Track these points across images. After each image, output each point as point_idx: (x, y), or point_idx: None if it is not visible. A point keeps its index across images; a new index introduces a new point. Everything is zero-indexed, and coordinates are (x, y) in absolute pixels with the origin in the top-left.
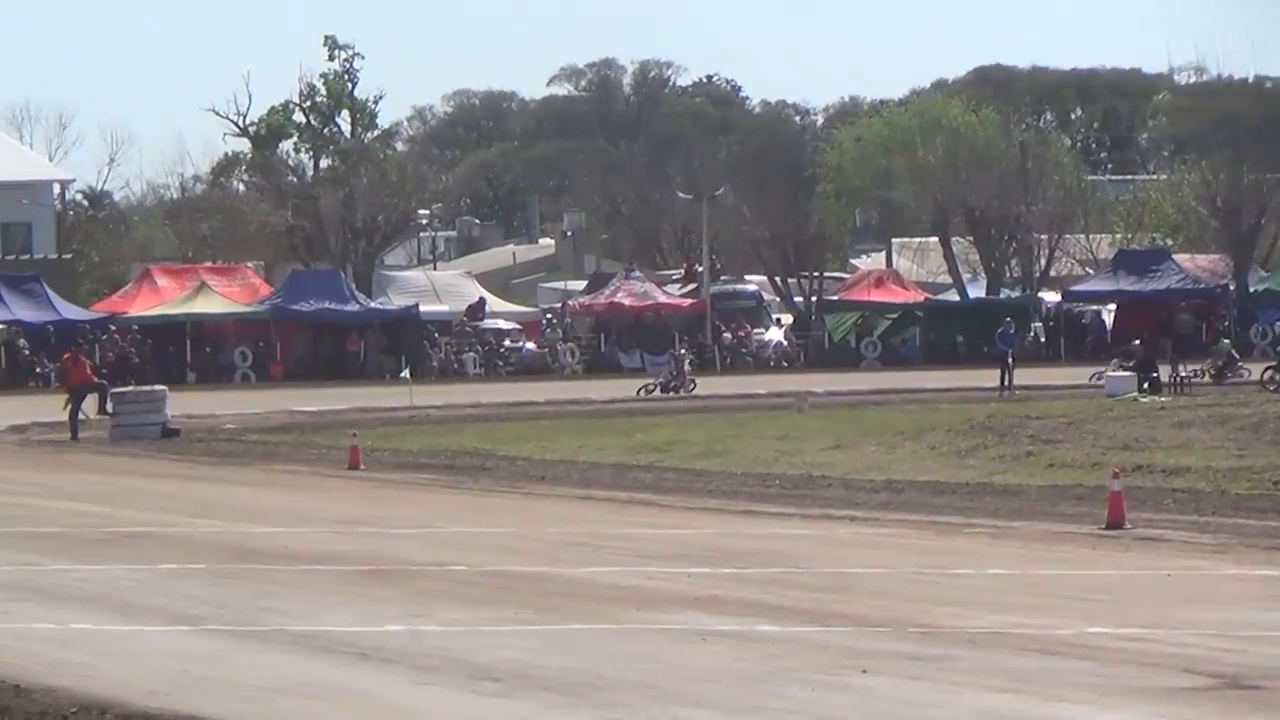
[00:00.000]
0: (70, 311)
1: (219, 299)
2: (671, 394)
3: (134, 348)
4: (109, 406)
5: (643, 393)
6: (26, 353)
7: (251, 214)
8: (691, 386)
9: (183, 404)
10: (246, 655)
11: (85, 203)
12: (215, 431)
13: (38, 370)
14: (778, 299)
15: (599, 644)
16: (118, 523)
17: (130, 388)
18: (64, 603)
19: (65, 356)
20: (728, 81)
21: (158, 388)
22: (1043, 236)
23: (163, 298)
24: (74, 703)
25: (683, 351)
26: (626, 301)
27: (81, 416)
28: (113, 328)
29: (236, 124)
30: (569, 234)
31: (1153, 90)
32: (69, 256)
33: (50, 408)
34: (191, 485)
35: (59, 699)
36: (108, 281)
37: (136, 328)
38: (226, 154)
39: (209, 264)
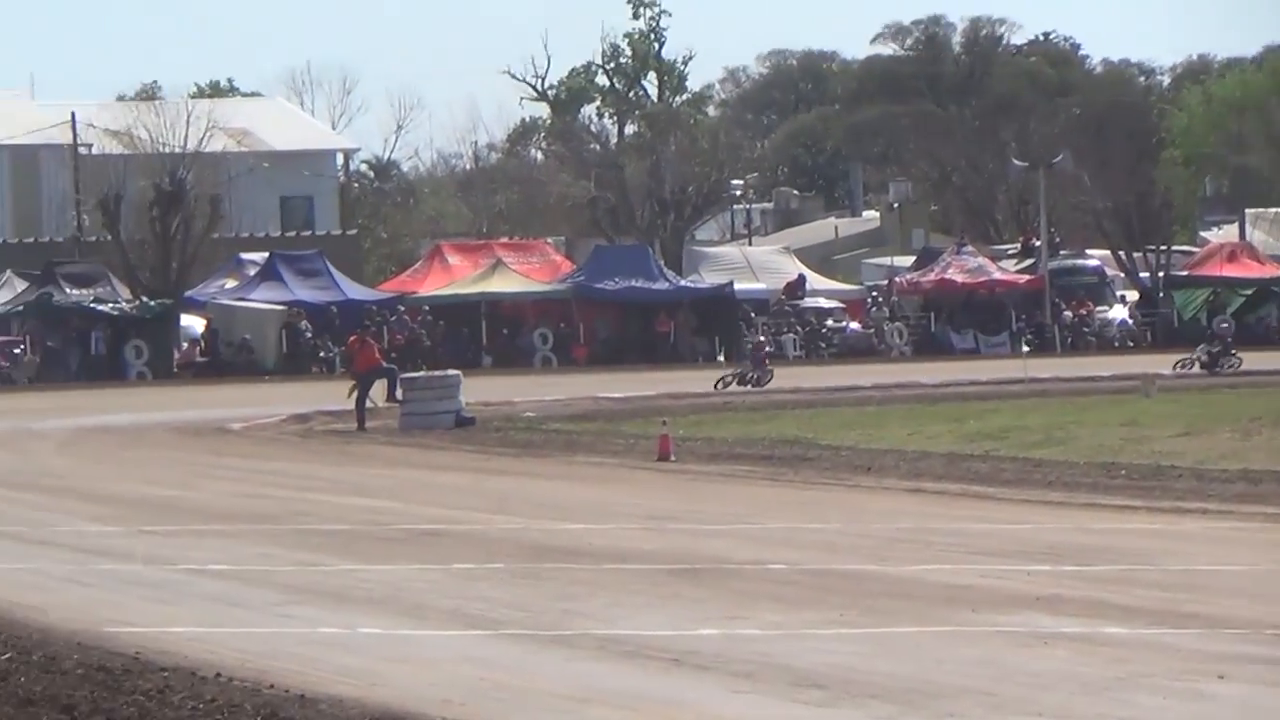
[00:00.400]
0: (356, 291)
1: (516, 277)
2: (751, 386)
3: (425, 330)
4: (398, 394)
5: (720, 385)
6: (309, 336)
7: (551, 185)
8: (768, 378)
9: (478, 390)
10: (548, 662)
11: (371, 174)
12: (513, 420)
13: (321, 355)
14: (1121, 275)
15: (930, 648)
16: (408, 519)
17: (421, 373)
18: (351, 605)
19: (351, 340)
20: (1065, 39)
21: (451, 373)
22: None
23: (455, 276)
24: (363, 713)
25: (761, 339)
26: (958, 278)
27: (369, 405)
28: (402, 309)
29: (534, 87)
30: (895, 205)
31: None
32: (354, 232)
33: (335, 395)
34: (487, 478)
35: (346, 709)
36: (396, 259)
37: (427, 308)
38: (523, 120)
39: (505, 239)
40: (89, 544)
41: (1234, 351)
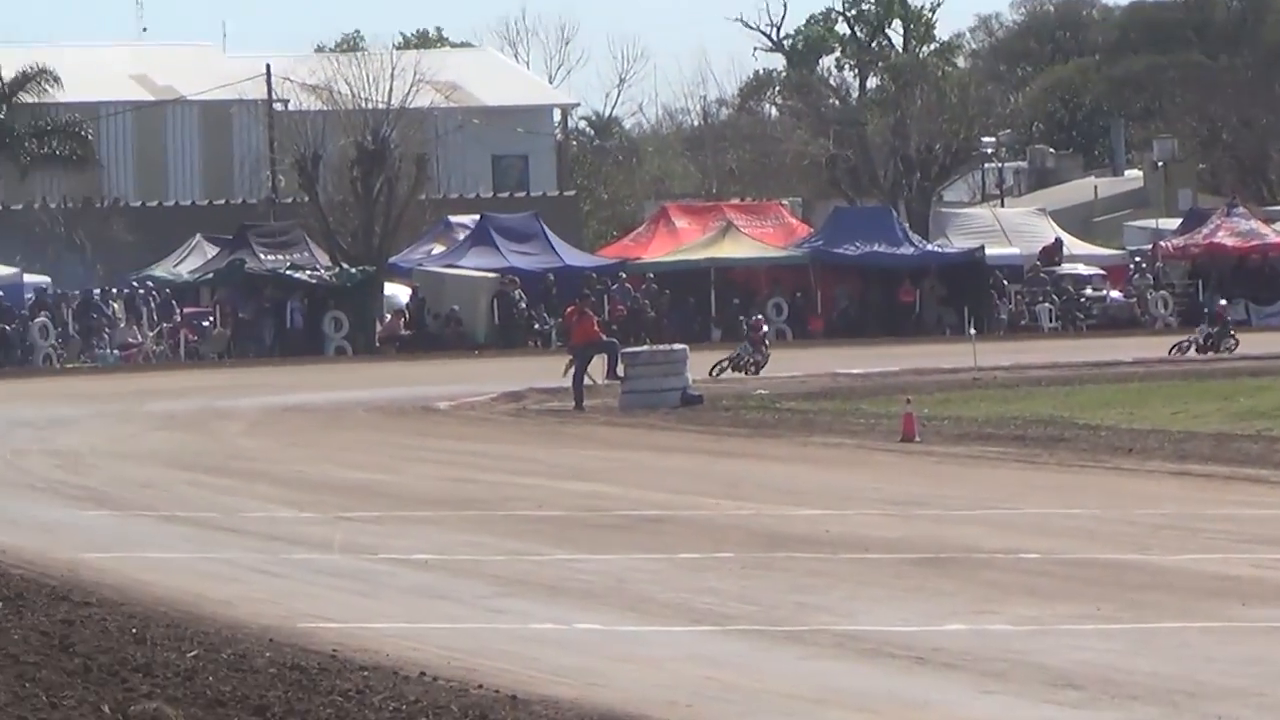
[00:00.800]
0: (574, 258)
1: (748, 241)
2: (749, 373)
3: (648, 300)
4: (619, 369)
5: (715, 373)
6: (523, 306)
7: (786, 142)
8: (765, 361)
9: (706, 366)
10: (782, 660)
11: (591, 131)
12: (744, 398)
13: (536, 327)
14: None
15: (1197, 645)
16: (630, 505)
17: (645, 347)
18: (568, 598)
19: (568, 311)
20: None
21: (677, 347)
22: None
23: (682, 241)
24: (580, 716)
25: (759, 316)
26: (1228, 242)
27: (587, 381)
28: (624, 276)
29: (768, 36)
30: (1160, 164)
31: None
32: (572, 194)
33: (550, 371)
34: (716, 461)
35: (562, 712)
36: (617, 222)
37: (651, 276)
38: (756, 72)
39: (736, 201)
40: (282, 531)
41: (1232, 332)
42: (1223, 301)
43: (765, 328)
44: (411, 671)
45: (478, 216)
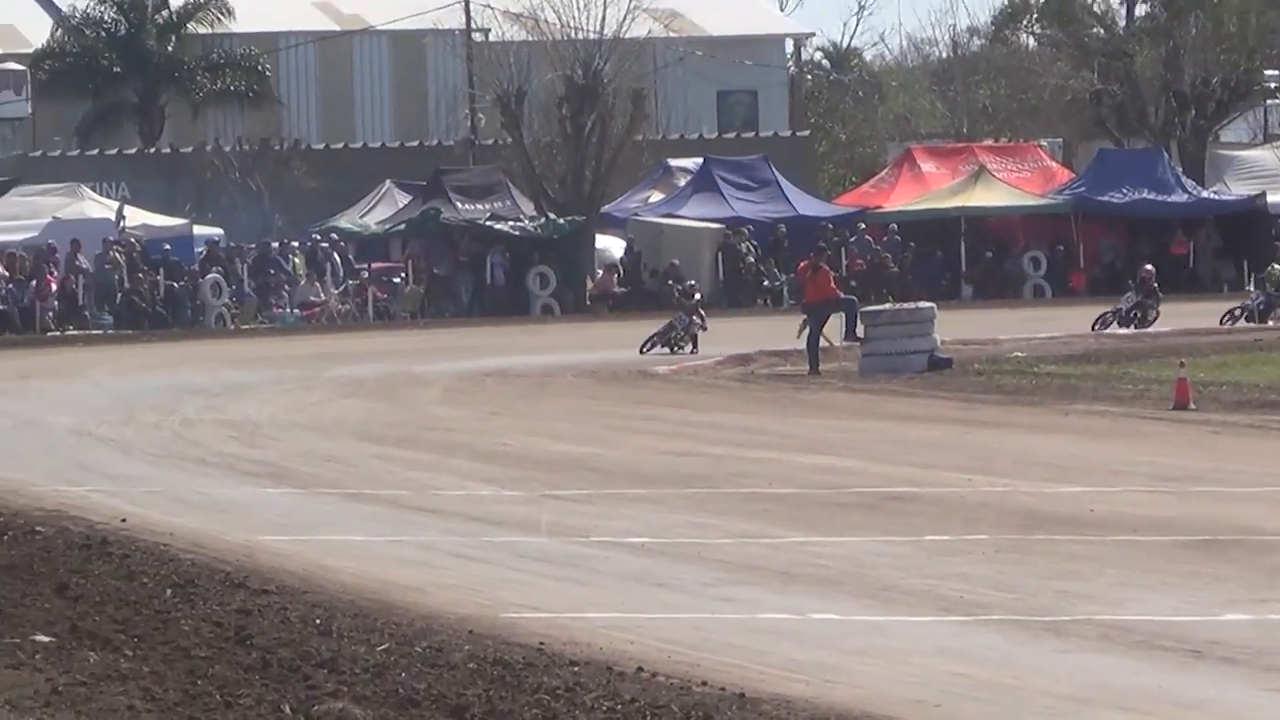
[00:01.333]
0: (808, 206)
1: (1003, 188)
2: (679, 349)
3: (891, 253)
4: (859, 330)
5: (646, 348)
6: (751, 260)
7: (1045, 76)
8: (697, 332)
9: (955, 325)
10: (1040, 654)
11: (827, 64)
12: (998, 361)
13: (765, 284)
14: None
15: None
16: (871, 481)
17: (887, 305)
18: (802, 585)
19: (801, 265)
20: None
21: (923, 305)
22: None
23: (929, 187)
24: (814, 716)
25: (691, 283)
26: None
27: (823, 344)
28: (863, 226)
29: None
30: None
31: None
32: (806, 134)
33: (782, 332)
34: (967, 431)
35: (795, 711)
36: (857, 166)
37: (894, 227)
38: None
39: (989, 142)
40: (482, 511)
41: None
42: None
43: (698, 294)
44: (627, 667)
45: (700, 160)
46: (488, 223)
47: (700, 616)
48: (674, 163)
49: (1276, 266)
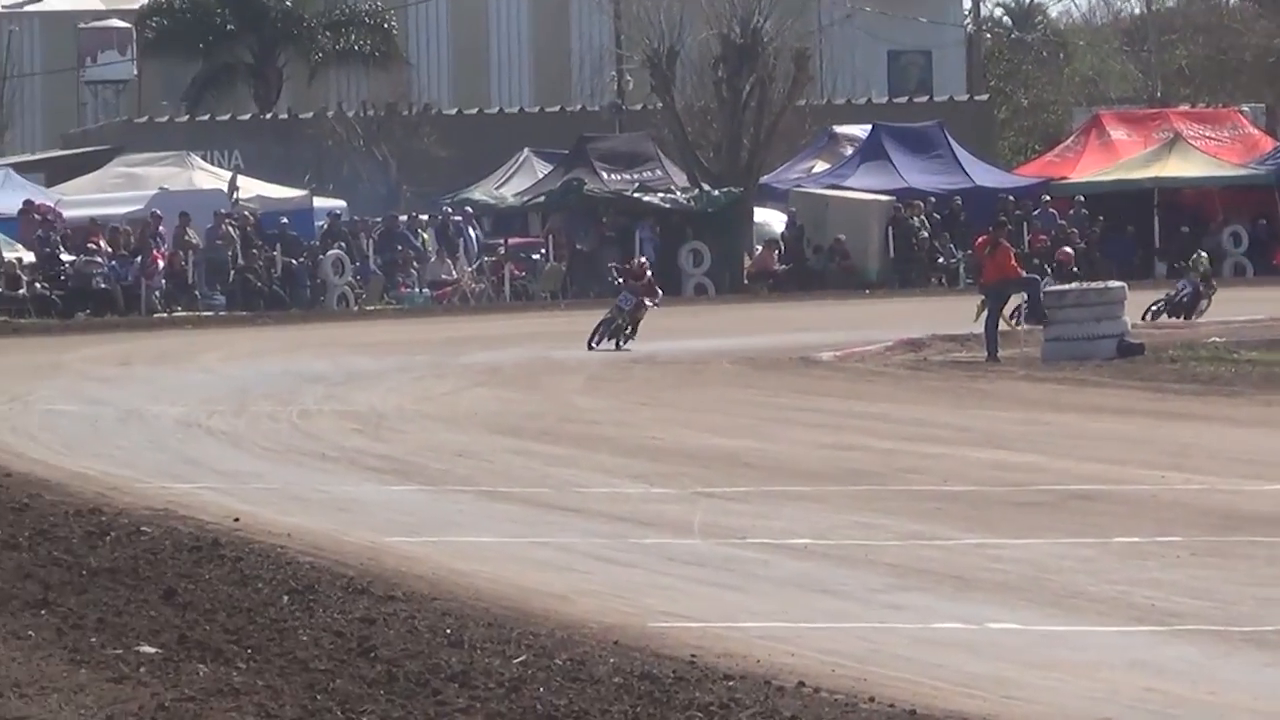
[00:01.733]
0: (986, 176)
1: (1200, 157)
2: (621, 341)
3: (1077, 228)
4: (1043, 313)
5: (595, 342)
6: (925, 236)
7: (1247, 35)
8: (631, 317)
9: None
10: (1240, 668)
11: (1009, 22)
12: (1194, 347)
13: (940, 261)
14: None
15: None
16: (1054, 477)
17: (1073, 286)
18: (978, 591)
19: (979, 241)
20: None
21: (1113, 285)
22: None
23: (1119, 156)
24: None
25: (642, 261)
26: None
27: (1003, 327)
28: (1047, 199)
29: None
30: None
31: None
32: (985, 98)
33: (958, 314)
34: (1161, 424)
35: None
36: (1040, 133)
37: (1082, 199)
38: None
39: (1186, 107)
40: (628, 510)
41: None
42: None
43: (649, 274)
44: (788, 681)
45: (869, 126)
46: (635, 194)
47: (867, 626)
48: (840, 129)
49: (1203, 255)
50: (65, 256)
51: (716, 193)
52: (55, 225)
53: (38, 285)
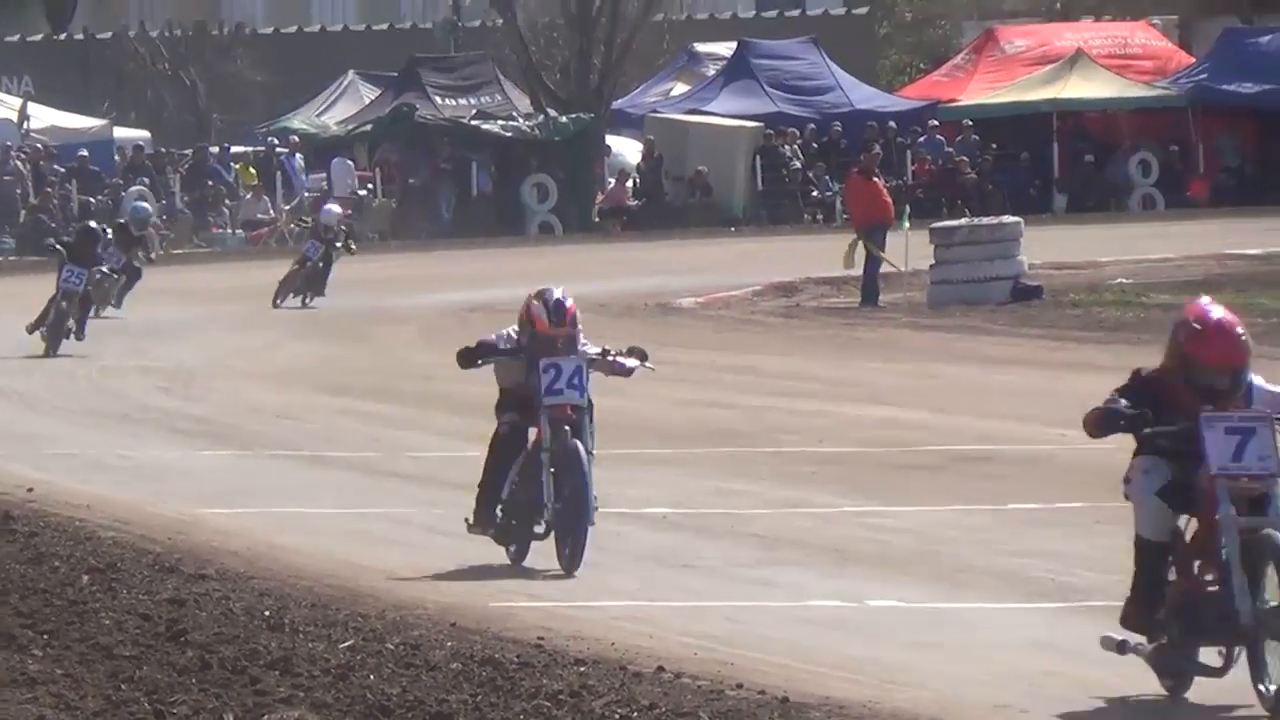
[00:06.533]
0: (866, 99)
1: (1105, 76)
2: (306, 299)
3: (967, 156)
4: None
5: (280, 300)
6: (796, 166)
7: None
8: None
9: (1044, 245)
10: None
11: None
12: (1098, 290)
13: (814, 195)
14: None
15: None
16: (942, 437)
17: (963, 221)
18: (857, 565)
19: (853, 174)
20: None
21: (1006, 220)
22: None
23: (1013, 75)
24: None
25: (330, 208)
26: None
27: (884, 268)
28: (933, 124)
29: None
30: None
31: None
32: (864, 11)
33: (829, 255)
34: (1061, 377)
35: (850, 718)
36: (924, 50)
37: (969, 123)
38: None
39: (1089, 20)
40: (469, 478)
41: None
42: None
43: (337, 209)
44: (646, 666)
45: (734, 45)
46: (473, 122)
47: (734, 605)
48: (701, 48)
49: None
50: None
51: (564, 119)
52: None
53: None
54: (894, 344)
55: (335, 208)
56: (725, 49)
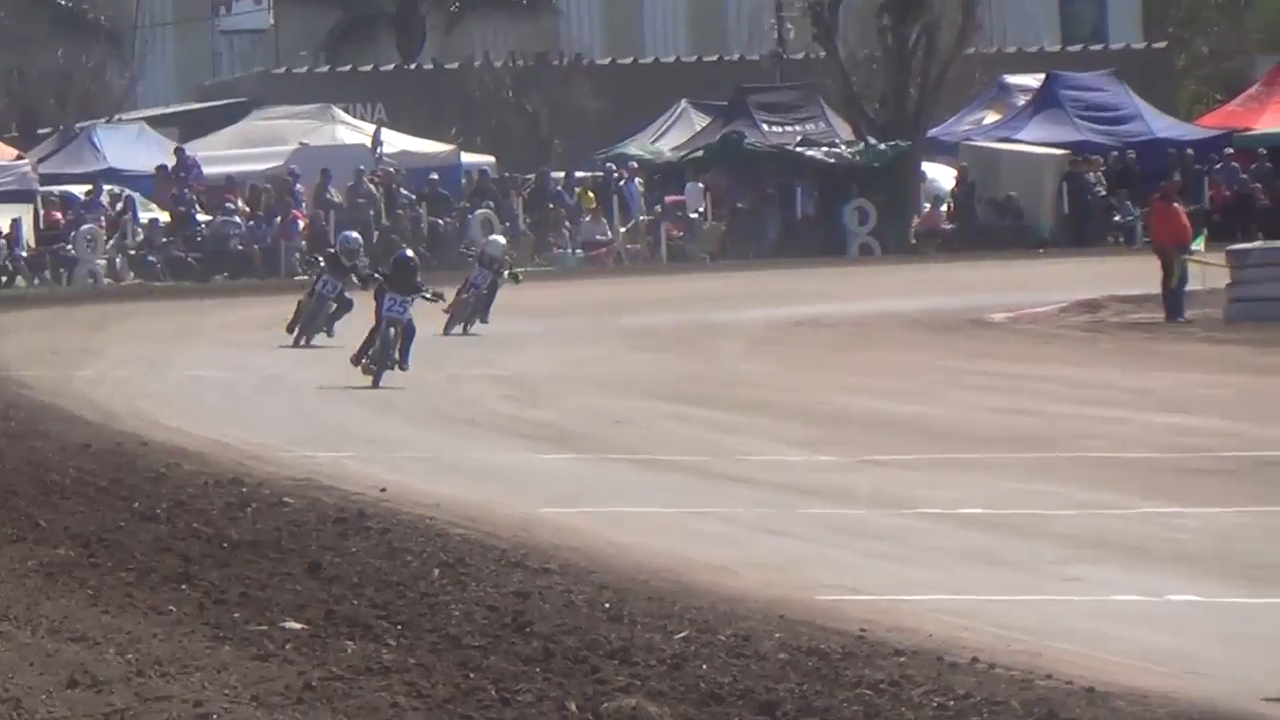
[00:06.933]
0: (1165, 128)
1: None
2: (467, 327)
3: (1262, 182)
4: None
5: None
6: (1101, 192)
7: None
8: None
9: None
10: None
11: None
12: None
13: (1117, 219)
14: None
15: None
16: (1241, 443)
17: (1258, 243)
18: (1159, 563)
19: (1156, 199)
20: None
21: None
22: None
23: None
24: (1174, 714)
25: (495, 238)
26: None
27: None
28: (1229, 152)
29: None
30: None
31: None
32: (1162, 46)
33: (1136, 275)
34: None
35: (1152, 708)
36: (1221, 82)
37: (1264, 152)
38: None
39: None
40: (793, 479)
41: None
42: None
43: (503, 241)
44: (960, 657)
45: (1043, 76)
46: (798, 149)
47: (1043, 599)
48: (1012, 79)
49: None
50: (201, 217)
51: (882, 146)
52: (190, 184)
53: (173, 247)
54: (1193, 357)
55: (500, 239)
56: (1034, 80)
